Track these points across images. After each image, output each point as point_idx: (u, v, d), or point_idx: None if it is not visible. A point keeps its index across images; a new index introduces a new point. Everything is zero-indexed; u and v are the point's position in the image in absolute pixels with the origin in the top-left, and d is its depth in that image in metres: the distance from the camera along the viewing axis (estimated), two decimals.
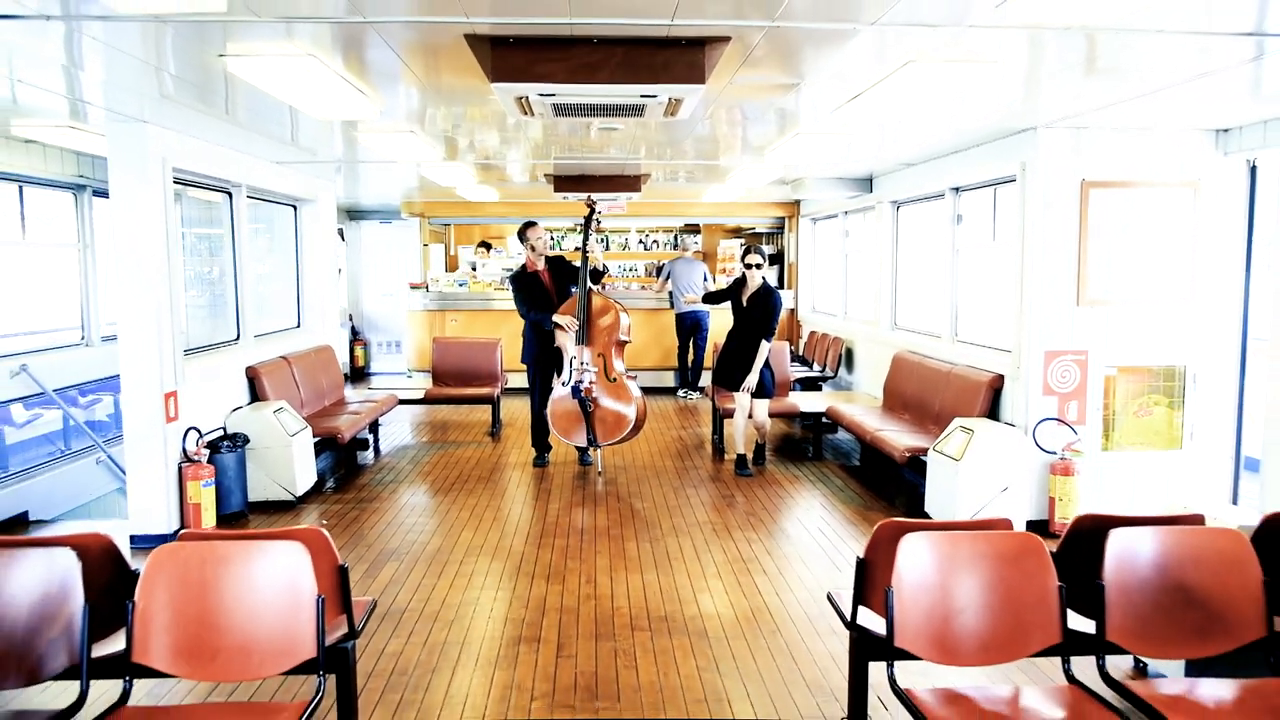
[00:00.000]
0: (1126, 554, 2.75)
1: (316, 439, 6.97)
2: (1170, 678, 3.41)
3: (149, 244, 5.55)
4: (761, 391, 7.39)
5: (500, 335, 9.95)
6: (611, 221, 13.47)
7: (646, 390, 8.10)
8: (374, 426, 8.32)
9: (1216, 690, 2.69)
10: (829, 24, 3.40)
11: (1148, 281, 5.86)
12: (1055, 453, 5.81)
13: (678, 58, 3.50)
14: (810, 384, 10.19)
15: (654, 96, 3.65)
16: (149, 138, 5.47)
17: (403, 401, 9.17)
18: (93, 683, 2.52)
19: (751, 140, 6.76)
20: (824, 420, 8.36)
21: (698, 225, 13.93)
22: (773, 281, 11.30)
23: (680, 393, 11.50)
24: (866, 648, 3.00)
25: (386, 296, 14.53)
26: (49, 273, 7.48)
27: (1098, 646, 2.74)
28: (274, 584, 2.58)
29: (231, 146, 6.67)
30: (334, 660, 2.78)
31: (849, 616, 3.02)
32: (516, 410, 10.10)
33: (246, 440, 6.38)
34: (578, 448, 7.73)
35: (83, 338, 7.42)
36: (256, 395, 7.00)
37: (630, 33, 3.44)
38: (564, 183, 8.72)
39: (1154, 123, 5.57)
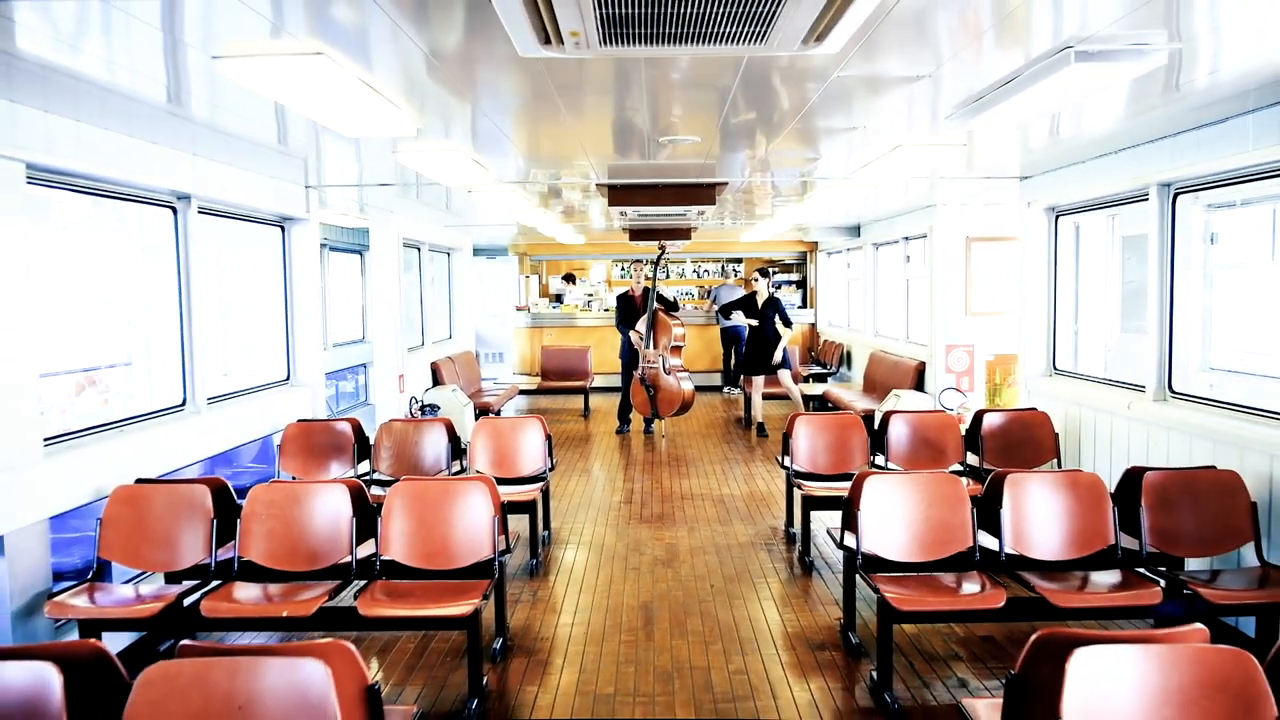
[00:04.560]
0: (899, 424, 6.16)
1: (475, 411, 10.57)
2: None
3: (390, 284, 9.21)
4: (784, 365, 10.77)
5: (589, 343, 13.53)
6: (672, 255, 16.99)
7: (699, 388, 11.61)
8: (497, 411, 11.91)
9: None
10: (779, 179, 6.88)
11: (1010, 299, 9.15)
12: (953, 409, 9.12)
13: (701, 192, 7.01)
14: (821, 378, 13.57)
15: (689, 210, 7.17)
16: (392, 221, 9.15)
17: (522, 391, 12.81)
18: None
19: (762, 207, 10.21)
20: (829, 406, 11.71)
21: (739, 258, 17.37)
22: (797, 302, 14.85)
23: (724, 389, 14.95)
24: (790, 476, 6.41)
25: (491, 317, 18.23)
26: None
27: (884, 465, 6.14)
28: (526, 437, 6.15)
29: (419, 218, 10.33)
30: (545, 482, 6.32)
31: (781, 461, 6.47)
32: (599, 400, 13.64)
33: (437, 408, 9.99)
34: (645, 419, 11.20)
35: (324, 345, 11.14)
36: (437, 381, 10.64)
37: (678, 182, 6.95)
38: (636, 234, 12.26)
39: (1007, 201, 8.89)
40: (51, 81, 3.82)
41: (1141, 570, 4.25)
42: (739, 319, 11.49)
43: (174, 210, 5.30)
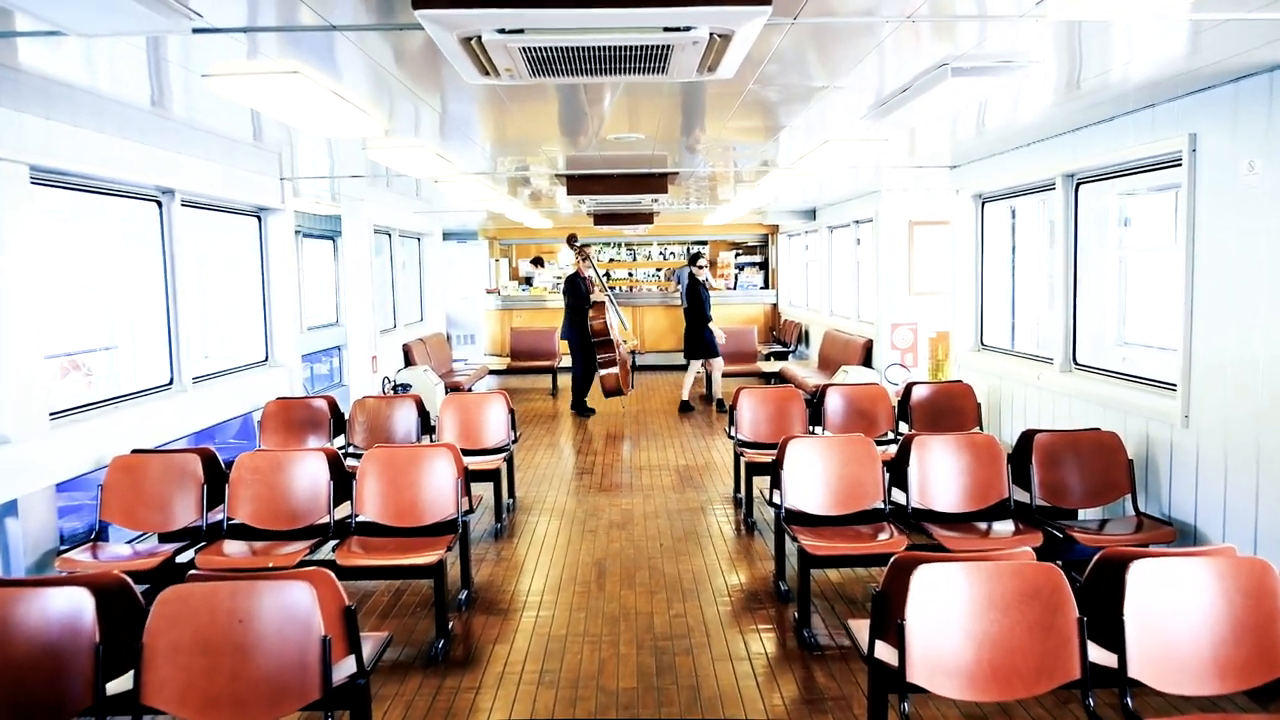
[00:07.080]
0: (835, 395, 6.69)
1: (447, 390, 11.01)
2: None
3: (362, 269, 9.62)
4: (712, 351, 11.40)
5: (557, 325, 14.00)
6: (636, 237, 17.47)
7: (664, 367, 12.20)
8: (468, 389, 12.36)
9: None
10: (727, 169, 7.37)
11: (943, 279, 9.70)
12: (897, 383, 9.68)
13: (654, 182, 7.48)
14: (781, 355, 14.12)
15: (643, 199, 7.64)
16: (364, 209, 9.55)
17: (492, 371, 13.27)
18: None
19: (722, 191, 10.69)
20: (785, 380, 12.27)
21: (704, 240, 17.84)
22: (759, 283, 15.46)
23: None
24: (736, 446, 6.93)
25: (462, 300, 18.61)
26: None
27: (821, 434, 6.67)
28: (491, 412, 6.62)
29: (390, 205, 10.73)
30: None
31: (728, 431, 6.98)
32: (567, 380, 14.08)
33: (409, 386, 10.43)
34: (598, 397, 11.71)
35: (299, 328, 11.53)
36: (409, 361, 11.08)
37: (633, 171, 7.42)
38: (600, 219, 12.73)
39: (944, 187, 9.42)
40: (52, 92, 4.23)
41: (1049, 524, 4.80)
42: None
43: (159, 204, 5.71)
